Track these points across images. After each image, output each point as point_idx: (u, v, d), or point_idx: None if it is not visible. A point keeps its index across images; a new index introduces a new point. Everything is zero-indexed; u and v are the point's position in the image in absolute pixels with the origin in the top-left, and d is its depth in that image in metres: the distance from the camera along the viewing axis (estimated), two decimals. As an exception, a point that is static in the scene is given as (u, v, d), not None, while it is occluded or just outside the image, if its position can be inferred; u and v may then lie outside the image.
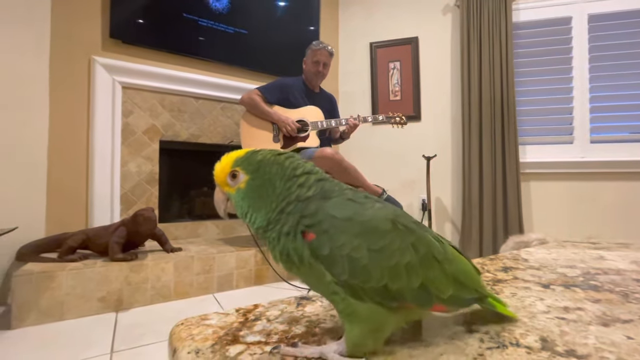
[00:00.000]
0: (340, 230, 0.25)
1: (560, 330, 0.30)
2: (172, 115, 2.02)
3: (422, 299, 0.26)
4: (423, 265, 0.26)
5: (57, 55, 1.69)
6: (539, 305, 0.36)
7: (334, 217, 0.25)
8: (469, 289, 0.28)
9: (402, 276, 0.25)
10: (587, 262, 0.56)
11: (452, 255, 0.29)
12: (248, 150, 0.30)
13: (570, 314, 0.34)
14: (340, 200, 0.27)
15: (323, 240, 0.25)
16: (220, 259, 1.65)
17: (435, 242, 0.28)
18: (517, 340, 0.28)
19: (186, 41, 2.03)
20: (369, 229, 0.25)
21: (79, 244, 1.46)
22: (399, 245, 0.25)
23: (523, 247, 1.55)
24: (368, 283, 0.25)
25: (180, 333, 0.30)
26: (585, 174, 2.20)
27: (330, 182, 0.29)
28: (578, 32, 2.26)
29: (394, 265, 0.25)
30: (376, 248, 0.25)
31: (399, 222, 0.26)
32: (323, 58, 1.91)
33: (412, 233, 0.27)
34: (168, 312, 1.38)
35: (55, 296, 1.27)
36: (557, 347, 0.27)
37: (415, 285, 0.25)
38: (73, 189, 1.73)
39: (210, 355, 0.26)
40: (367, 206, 0.27)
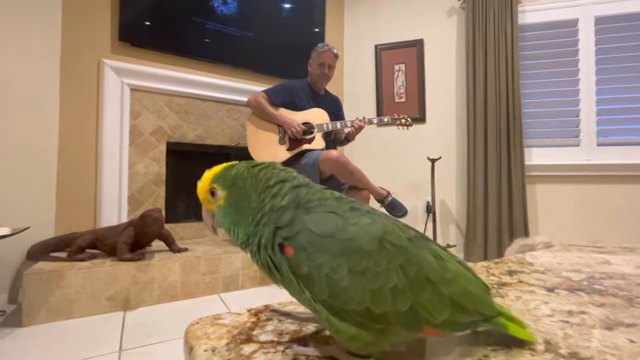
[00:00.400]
0: (320, 249, 0.24)
1: (564, 334, 0.31)
2: (179, 117, 2.04)
3: (409, 323, 0.24)
4: (412, 289, 0.24)
5: (67, 57, 1.72)
6: (544, 308, 0.37)
7: (312, 232, 0.24)
8: (470, 312, 0.25)
9: (387, 300, 0.23)
10: (592, 266, 0.57)
11: (452, 274, 0.25)
12: (225, 165, 0.29)
13: (574, 318, 0.34)
14: (321, 213, 0.25)
15: (301, 258, 0.24)
16: (226, 259, 1.66)
17: (431, 261, 0.25)
18: (522, 343, 0.29)
19: (193, 44, 2.06)
20: (351, 249, 0.23)
21: (88, 243, 1.48)
22: (385, 267, 0.23)
23: (528, 250, 1.55)
24: (348, 305, 0.23)
25: (195, 332, 0.31)
26: (591, 177, 2.19)
27: (309, 188, 0.28)
28: (585, 34, 2.25)
29: (377, 289, 0.23)
30: (358, 270, 0.23)
31: (387, 240, 0.24)
32: (328, 60, 1.93)
33: (403, 253, 0.24)
34: (175, 312, 1.40)
35: (65, 295, 1.29)
36: (560, 350, 0.28)
37: (403, 309, 0.23)
38: (82, 190, 1.76)
39: (226, 354, 0.27)
40: (352, 221, 0.25)
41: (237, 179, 0.28)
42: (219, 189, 0.28)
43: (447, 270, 0.25)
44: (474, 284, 0.27)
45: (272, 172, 0.28)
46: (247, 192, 0.27)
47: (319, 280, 0.23)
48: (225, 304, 1.51)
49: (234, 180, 0.28)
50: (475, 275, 0.28)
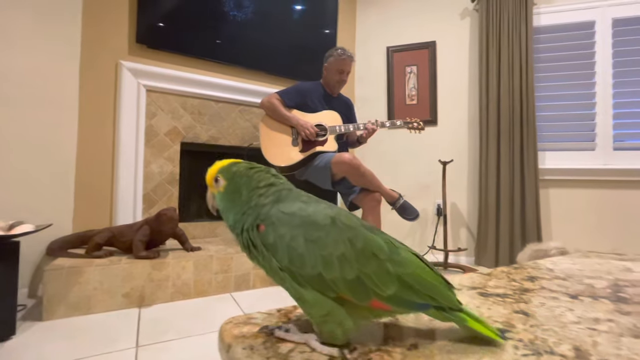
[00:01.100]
0: (283, 223, 0.29)
1: (593, 341, 0.31)
2: (193, 117, 2.08)
3: (357, 291, 0.28)
4: (359, 260, 0.28)
5: (86, 59, 1.76)
6: (569, 315, 0.37)
7: (281, 212, 0.30)
8: (420, 294, 0.28)
9: (335, 266, 0.27)
10: (613, 273, 0.57)
11: (402, 258, 0.29)
12: (231, 161, 0.35)
13: (601, 325, 0.35)
14: (290, 201, 0.31)
15: (269, 231, 0.29)
16: (238, 259, 1.68)
17: (380, 242, 0.29)
18: (551, 348, 0.29)
19: (207, 46, 2.09)
20: (307, 222, 0.29)
21: (105, 241, 1.52)
22: (334, 238, 0.28)
23: (542, 255, 1.53)
24: (304, 270, 0.28)
25: (231, 330, 0.32)
26: (607, 182, 2.15)
27: (290, 192, 0.33)
28: (601, 36, 2.21)
29: (327, 255, 0.27)
30: (312, 238, 0.28)
31: (339, 219, 0.29)
32: (347, 67, 1.93)
33: (352, 230, 0.29)
34: (189, 310, 1.42)
35: (83, 290, 1.33)
36: (591, 357, 0.28)
37: (350, 277, 0.27)
38: (99, 188, 1.80)
39: (264, 352, 0.28)
40: (312, 205, 0.31)
41: (236, 175, 0.34)
42: (222, 179, 0.34)
43: (397, 253, 0.29)
44: (428, 273, 0.30)
45: (264, 176, 0.34)
46: (240, 187, 0.33)
47: (281, 247, 0.29)
48: (237, 302, 1.53)
49: (233, 175, 0.34)
50: (433, 269, 0.31)
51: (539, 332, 0.33)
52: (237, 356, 0.28)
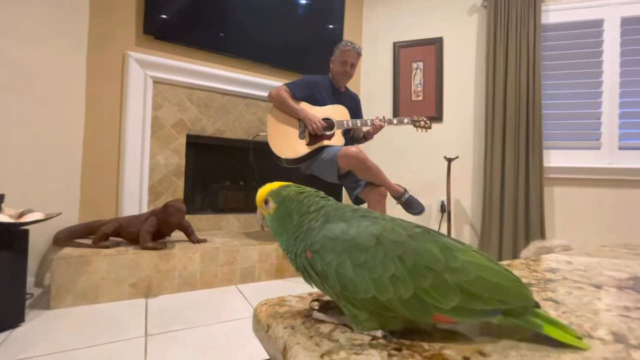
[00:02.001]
0: (328, 250, 0.28)
1: (628, 327, 0.31)
2: (199, 110, 2.07)
3: (416, 309, 0.26)
4: (412, 277, 0.26)
5: (93, 50, 1.75)
6: (598, 303, 0.38)
7: (325, 236, 0.29)
8: (485, 300, 0.26)
9: (388, 288, 0.26)
10: (632, 267, 0.57)
11: (462, 263, 0.27)
12: (281, 185, 0.35)
13: (633, 313, 0.35)
14: (335, 222, 0.30)
15: (316, 258, 0.29)
16: (243, 251, 1.69)
17: (434, 252, 0.27)
18: (589, 333, 0.30)
19: (214, 38, 2.08)
20: (352, 245, 0.28)
21: (112, 231, 1.52)
22: (382, 259, 0.27)
23: (546, 253, 1.53)
24: (357, 295, 0.27)
25: (267, 311, 0.32)
26: (612, 181, 2.16)
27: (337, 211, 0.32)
28: (610, 35, 2.20)
29: (378, 278, 0.26)
30: (359, 263, 0.27)
31: (384, 237, 0.28)
32: (352, 59, 1.93)
33: (400, 246, 0.27)
34: (195, 301, 1.43)
35: (92, 280, 1.33)
36: (630, 341, 0.28)
37: (406, 296, 0.26)
38: (105, 179, 1.80)
39: (306, 331, 0.28)
40: (354, 224, 0.29)
41: (286, 199, 0.34)
42: (272, 202, 0.34)
43: (454, 259, 0.27)
44: (494, 273, 0.27)
45: (313, 200, 0.34)
46: (291, 212, 0.33)
47: (330, 275, 0.28)
48: (243, 294, 1.53)
49: (284, 200, 0.34)
50: (498, 265, 0.28)
51: (572, 318, 0.33)
52: (279, 335, 0.28)
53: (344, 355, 0.24)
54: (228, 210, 2.23)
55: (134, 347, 1.02)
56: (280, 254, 1.79)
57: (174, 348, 1.03)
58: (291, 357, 0.25)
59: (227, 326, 1.21)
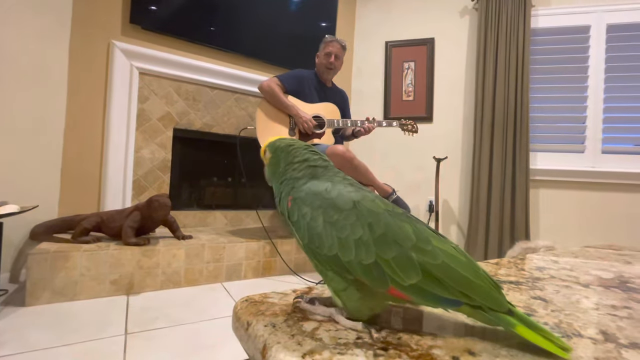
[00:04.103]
0: (307, 202, 0.30)
1: (617, 325, 0.31)
2: (187, 103, 2.02)
3: (374, 277, 0.26)
4: (377, 245, 0.26)
5: (77, 38, 1.69)
6: (586, 302, 0.37)
7: (308, 190, 0.31)
8: (449, 289, 0.25)
9: (351, 249, 0.27)
10: (617, 266, 0.57)
11: (434, 248, 0.26)
12: (278, 137, 0.39)
13: (620, 312, 0.35)
14: (322, 180, 0.32)
15: (294, 209, 0.31)
16: (230, 248, 1.66)
17: (406, 229, 0.27)
18: (579, 331, 0.29)
19: (204, 31, 2.03)
20: (329, 204, 0.29)
21: (93, 226, 1.47)
22: (353, 222, 0.28)
23: (530, 253, 1.56)
24: (322, 250, 0.28)
25: (248, 308, 0.30)
26: (595, 184, 2.21)
27: (326, 170, 0.34)
28: (596, 41, 2.25)
29: (344, 237, 0.27)
30: (330, 220, 0.28)
31: (362, 204, 0.28)
32: (335, 50, 1.92)
33: (373, 216, 0.28)
34: (178, 298, 1.39)
35: (70, 276, 1.28)
36: (620, 340, 0.28)
37: (366, 261, 0.26)
38: (87, 172, 1.74)
39: (288, 330, 0.26)
40: (339, 187, 0.31)
41: (278, 149, 0.37)
42: (268, 152, 0.38)
43: (426, 242, 0.27)
44: (466, 267, 0.26)
45: (300, 152, 0.36)
46: (279, 160, 0.36)
47: (302, 226, 0.29)
48: (228, 292, 1.51)
49: (276, 150, 0.37)
50: (476, 265, 0.27)
51: (562, 317, 0.32)
52: (259, 333, 0.26)
53: (327, 355, 0.23)
54: (215, 207, 2.19)
55: (112, 346, 0.98)
56: (267, 251, 1.76)
57: (155, 347, 1.00)
58: (270, 357, 0.23)
59: (211, 324, 1.18)
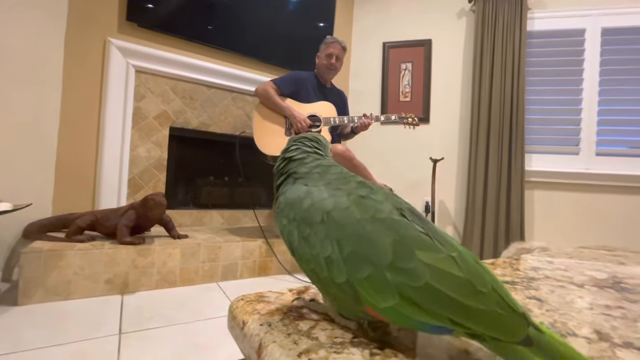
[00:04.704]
0: (284, 213, 0.29)
1: (611, 325, 0.31)
2: (184, 102, 2.01)
3: (348, 295, 0.24)
4: (347, 264, 0.24)
5: (72, 35, 1.67)
6: (581, 302, 0.37)
7: (284, 200, 0.30)
8: (429, 313, 0.21)
9: (323, 268, 0.25)
10: (611, 267, 0.58)
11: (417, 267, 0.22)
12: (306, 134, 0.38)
13: (614, 312, 0.35)
14: (299, 182, 0.30)
15: (277, 218, 0.30)
16: (226, 248, 1.65)
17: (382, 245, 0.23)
18: (573, 331, 0.29)
19: (201, 29, 2.03)
20: (301, 217, 0.27)
21: (87, 224, 1.45)
22: (322, 238, 0.25)
23: (525, 254, 1.57)
24: (302, 264, 0.27)
25: (243, 307, 0.30)
26: (589, 186, 2.23)
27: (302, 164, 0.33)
28: (591, 44, 2.27)
29: (315, 255, 0.26)
30: (304, 236, 0.26)
31: (332, 215, 0.26)
32: (336, 51, 1.92)
33: (342, 229, 0.25)
34: (173, 298, 1.38)
35: (63, 275, 1.27)
36: (614, 340, 0.28)
37: (339, 280, 0.24)
38: (81, 170, 1.72)
39: (284, 328, 0.26)
40: (316, 193, 0.28)
41: (288, 142, 0.38)
42: None
43: (407, 259, 0.23)
44: (460, 287, 0.21)
45: (289, 143, 0.37)
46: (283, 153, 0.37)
47: (284, 237, 0.29)
48: (224, 292, 1.50)
49: (289, 143, 0.38)
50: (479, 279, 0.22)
51: (557, 316, 0.32)
52: (255, 332, 0.26)
53: (324, 354, 0.23)
54: (211, 206, 2.18)
55: (106, 346, 0.97)
56: (263, 251, 1.76)
57: (149, 346, 0.99)
58: (266, 356, 0.23)
59: (207, 324, 1.17)
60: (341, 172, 0.31)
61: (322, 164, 0.32)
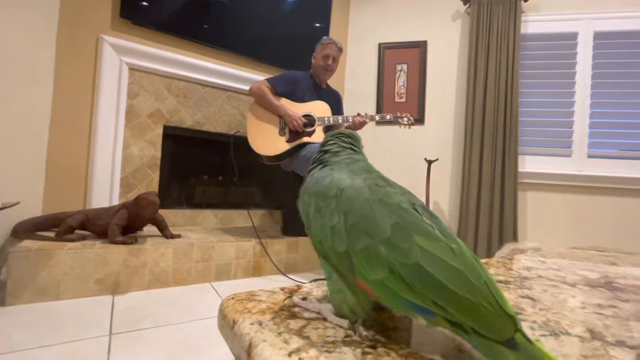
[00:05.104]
0: (306, 190, 0.32)
1: (603, 324, 0.31)
2: (178, 100, 1.99)
3: (344, 265, 0.26)
4: (349, 235, 0.26)
5: (64, 31, 1.65)
6: (573, 301, 0.38)
7: (310, 179, 0.33)
8: (414, 292, 0.22)
9: (328, 236, 0.27)
10: (602, 267, 0.58)
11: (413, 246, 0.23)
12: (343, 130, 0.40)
13: (606, 310, 0.35)
14: (327, 167, 0.33)
15: (301, 194, 0.32)
16: (219, 248, 1.64)
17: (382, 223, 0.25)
18: (566, 330, 0.29)
19: (196, 27, 2.01)
20: (319, 192, 0.30)
21: (78, 224, 1.43)
22: (332, 209, 0.28)
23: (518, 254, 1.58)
24: (312, 235, 0.29)
25: (234, 306, 0.30)
26: (580, 187, 2.26)
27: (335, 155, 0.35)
28: (583, 48, 2.30)
29: (323, 224, 0.28)
30: (318, 208, 0.29)
31: (345, 191, 0.28)
32: (333, 52, 1.92)
33: (351, 203, 0.27)
34: (166, 298, 1.37)
35: (53, 275, 1.24)
36: (607, 338, 0.28)
37: (340, 249, 0.26)
38: (73, 169, 1.70)
39: (275, 327, 0.26)
40: (335, 175, 0.31)
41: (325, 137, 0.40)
42: None
43: (405, 239, 0.23)
44: (451, 274, 0.22)
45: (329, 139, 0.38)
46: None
47: (303, 211, 0.31)
48: (217, 292, 1.49)
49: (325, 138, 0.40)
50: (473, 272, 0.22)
51: (549, 315, 0.32)
52: (245, 331, 0.25)
53: (315, 353, 0.22)
54: (205, 206, 2.17)
55: (96, 347, 0.96)
56: (257, 251, 1.75)
57: (140, 347, 0.98)
58: (256, 356, 0.22)
59: (199, 325, 1.16)
60: (367, 166, 0.34)
61: (352, 157, 0.35)
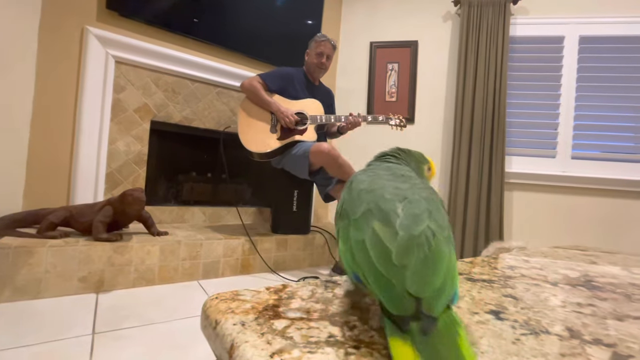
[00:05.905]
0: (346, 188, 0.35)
1: (582, 322, 0.32)
2: (166, 95, 1.96)
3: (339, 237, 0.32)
4: (341, 216, 0.32)
5: (48, 22, 1.60)
6: (554, 300, 0.38)
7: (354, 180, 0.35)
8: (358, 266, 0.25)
9: (338, 217, 0.33)
10: (583, 266, 0.60)
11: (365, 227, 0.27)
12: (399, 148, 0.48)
13: (585, 309, 0.36)
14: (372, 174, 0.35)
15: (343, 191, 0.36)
16: (207, 245, 1.62)
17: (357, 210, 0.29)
18: (546, 328, 0.30)
19: (186, 21, 1.98)
20: (351, 189, 0.34)
21: (61, 220, 1.39)
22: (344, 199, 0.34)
23: (504, 253, 1.61)
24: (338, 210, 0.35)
25: (217, 306, 0.29)
26: (564, 188, 2.31)
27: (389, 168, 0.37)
28: (569, 51, 2.36)
29: (338, 209, 0.34)
30: (345, 196, 0.34)
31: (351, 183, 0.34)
32: (327, 50, 1.91)
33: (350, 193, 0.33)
34: (151, 297, 1.35)
35: (34, 273, 1.21)
36: (584, 337, 0.28)
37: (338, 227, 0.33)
38: (55, 164, 1.65)
39: (258, 328, 0.25)
40: (368, 174, 0.35)
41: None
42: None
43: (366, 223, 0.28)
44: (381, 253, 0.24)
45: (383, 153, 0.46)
46: None
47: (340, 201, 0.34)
48: (205, 290, 1.47)
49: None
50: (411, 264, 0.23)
51: (530, 314, 0.33)
52: (228, 332, 0.25)
53: (297, 354, 0.22)
54: (193, 203, 2.14)
55: (77, 347, 0.94)
56: (246, 249, 1.74)
57: (124, 347, 0.96)
58: (238, 357, 0.22)
59: (185, 323, 1.15)
60: (399, 170, 0.37)
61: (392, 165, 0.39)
